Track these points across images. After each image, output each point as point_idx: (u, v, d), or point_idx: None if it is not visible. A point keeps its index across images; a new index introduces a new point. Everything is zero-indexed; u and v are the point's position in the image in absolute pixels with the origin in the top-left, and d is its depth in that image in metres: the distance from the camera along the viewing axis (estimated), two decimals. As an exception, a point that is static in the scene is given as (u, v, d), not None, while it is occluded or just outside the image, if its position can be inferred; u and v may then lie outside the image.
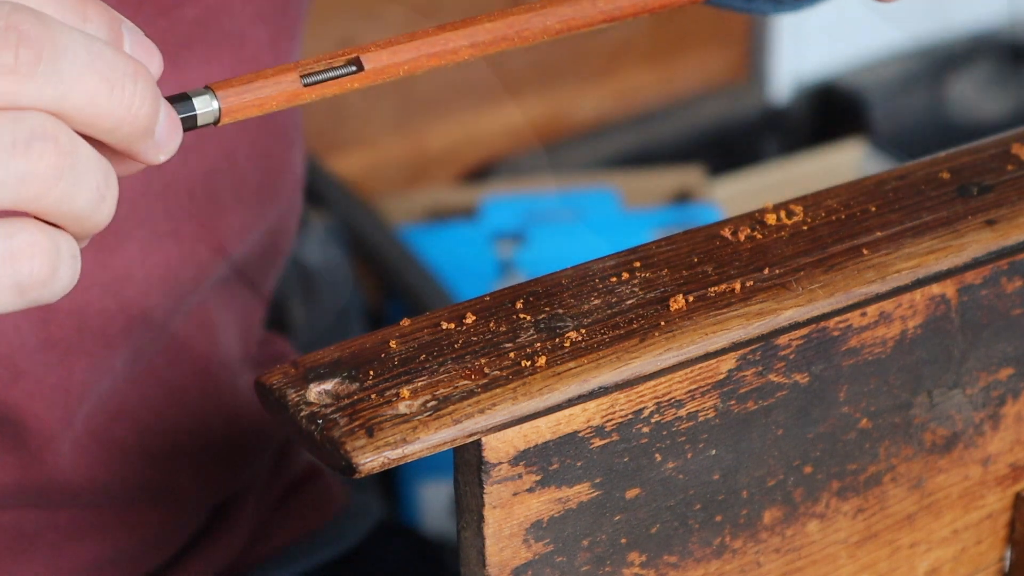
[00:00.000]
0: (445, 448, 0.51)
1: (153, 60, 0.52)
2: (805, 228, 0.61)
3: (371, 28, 1.80)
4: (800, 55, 2.14)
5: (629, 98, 2.07)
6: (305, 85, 0.54)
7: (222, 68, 0.76)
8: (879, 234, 0.61)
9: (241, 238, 0.81)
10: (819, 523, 0.63)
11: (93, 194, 0.49)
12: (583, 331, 0.55)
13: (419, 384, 0.53)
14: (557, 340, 0.55)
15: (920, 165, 0.66)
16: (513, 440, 0.53)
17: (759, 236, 0.60)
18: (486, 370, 0.54)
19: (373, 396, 0.52)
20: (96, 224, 0.50)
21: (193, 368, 0.81)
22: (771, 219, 0.61)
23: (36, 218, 0.49)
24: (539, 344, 0.55)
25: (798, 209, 0.61)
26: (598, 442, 0.55)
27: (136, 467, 0.79)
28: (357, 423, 0.51)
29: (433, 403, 0.52)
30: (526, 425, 0.53)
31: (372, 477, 1.27)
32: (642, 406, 0.56)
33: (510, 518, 0.55)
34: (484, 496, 0.54)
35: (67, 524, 0.79)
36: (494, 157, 1.97)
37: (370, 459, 0.50)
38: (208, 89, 0.52)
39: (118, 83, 0.49)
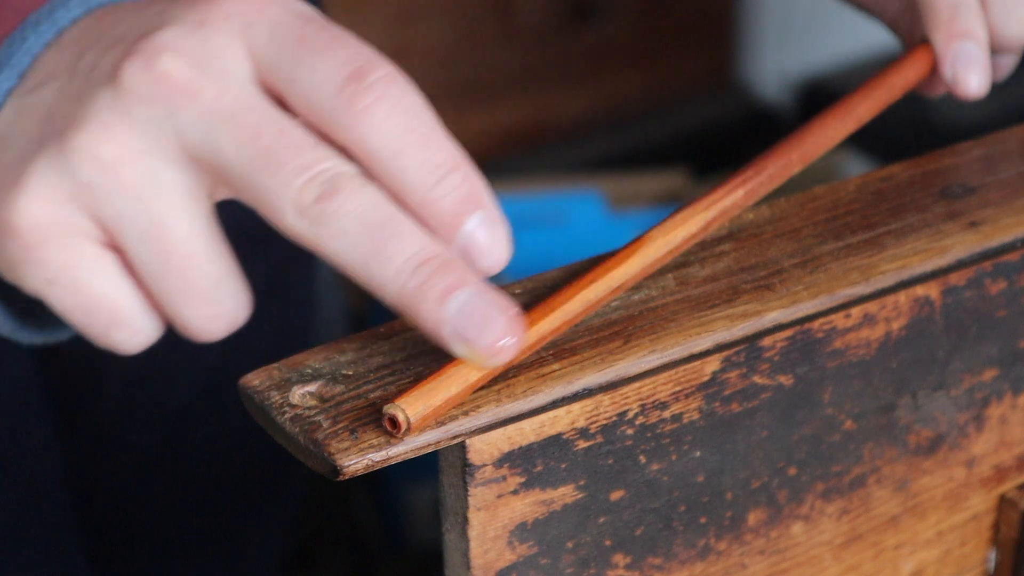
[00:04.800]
0: (429, 450, 0.51)
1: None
2: (789, 229, 0.61)
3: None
4: (784, 56, 2.15)
5: (614, 100, 2.07)
6: None
7: None
8: (863, 236, 0.61)
9: None
10: (803, 525, 0.63)
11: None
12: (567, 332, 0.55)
13: (403, 386, 0.53)
14: (541, 342, 0.55)
15: (904, 167, 0.66)
16: (497, 442, 0.53)
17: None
18: (470, 372, 0.53)
19: (357, 398, 0.52)
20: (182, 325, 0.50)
21: None
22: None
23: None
24: (523, 346, 0.55)
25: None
26: (582, 444, 0.55)
27: None
28: (341, 425, 0.51)
29: (417, 405, 0.52)
30: (510, 427, 0.53)
31: (357, 480, 1.26)
32: (626, 408, 0.56)
33: (494, 520, 0.55)
34: (468, 498, 0.54)
35: None
36: (479, 159, 1.96)
37: (354, 461, 0.50)
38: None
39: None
